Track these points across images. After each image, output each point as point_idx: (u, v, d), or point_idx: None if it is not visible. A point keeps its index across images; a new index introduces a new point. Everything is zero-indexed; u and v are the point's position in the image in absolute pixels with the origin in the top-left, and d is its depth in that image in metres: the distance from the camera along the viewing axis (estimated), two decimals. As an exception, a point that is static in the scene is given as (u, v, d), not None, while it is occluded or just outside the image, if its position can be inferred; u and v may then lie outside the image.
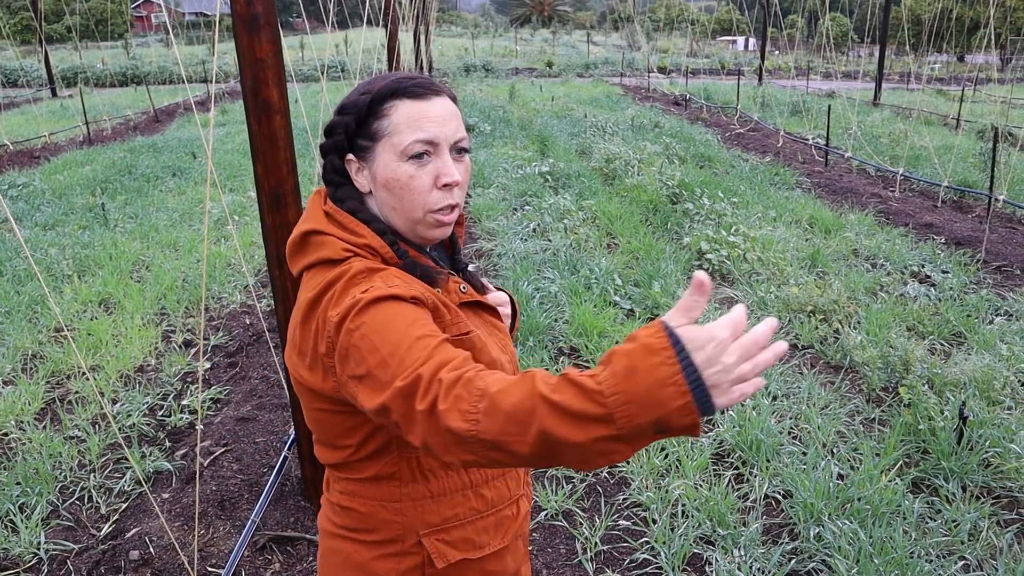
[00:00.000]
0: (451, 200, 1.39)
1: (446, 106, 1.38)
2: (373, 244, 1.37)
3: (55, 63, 28.26)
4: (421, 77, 1.40)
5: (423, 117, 1.35)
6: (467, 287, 1.48)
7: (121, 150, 13.26)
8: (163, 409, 4.59)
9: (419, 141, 1.34)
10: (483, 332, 1.45)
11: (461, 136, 1.40)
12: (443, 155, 1.37)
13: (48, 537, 3.44)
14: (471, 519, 1.46)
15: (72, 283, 6.46)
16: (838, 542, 3.16)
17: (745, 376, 0.97)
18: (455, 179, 1.36)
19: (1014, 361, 4.74)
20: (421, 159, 1.35)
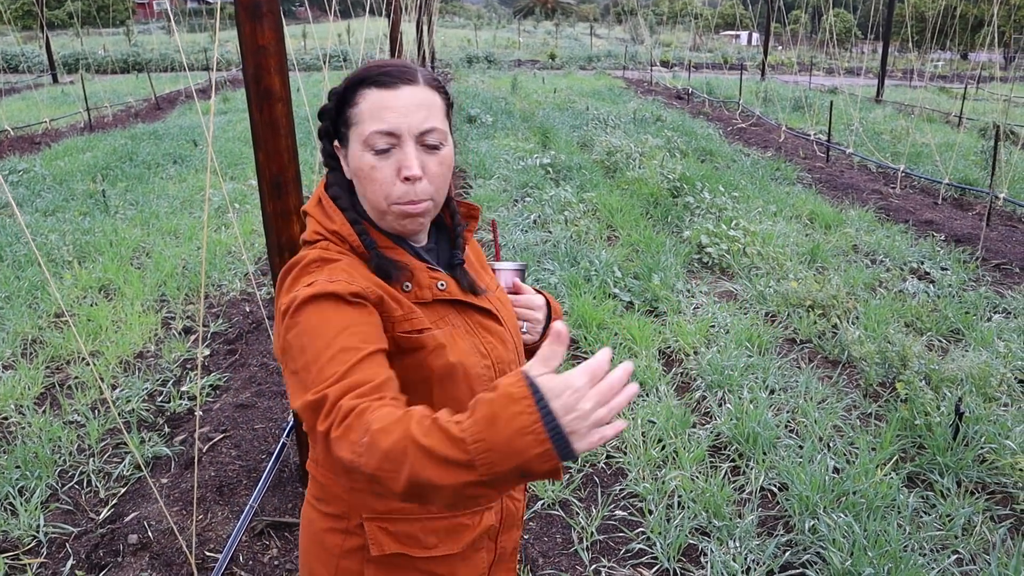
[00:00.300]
0: (414, 194, 1.34)
1: (415, 96, 1.33)
2: (341, 231, 1.37)
3: (56, 49, 28.23)
4: (398, 65, 1.35)
5: (385, 107, 1.31)
6: (446, 284, 1.43)
7: (122, 137, 13.25)
8: (162, 395, 4.60)
9: (378, 132, 1.31)
10: (458, 332, 1.41)
11: (429, 128, 1.33)
12: (406, 147, 1.32)
13: (47, 520, 3.46)
14: (419, 516, 1.43)
15: (72, 269, 6.46)
16: (832, 535, 3.18)
17: (601, 420, 0.98)
18: (412, 172, 1.31)
19: (1011, 358, 4.76)
20: (383, 152, 1.33)
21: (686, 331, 5.19)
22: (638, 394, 4.42)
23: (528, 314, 1.63)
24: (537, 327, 1.63)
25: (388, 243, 1.41)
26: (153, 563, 3.16)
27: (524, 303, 1.63)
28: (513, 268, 1.69)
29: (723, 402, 4.38)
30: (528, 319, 1.63)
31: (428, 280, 1.41)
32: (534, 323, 1.63)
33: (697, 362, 4.85)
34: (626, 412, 4.25)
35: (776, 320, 5.59)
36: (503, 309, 1.55)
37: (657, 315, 5.67)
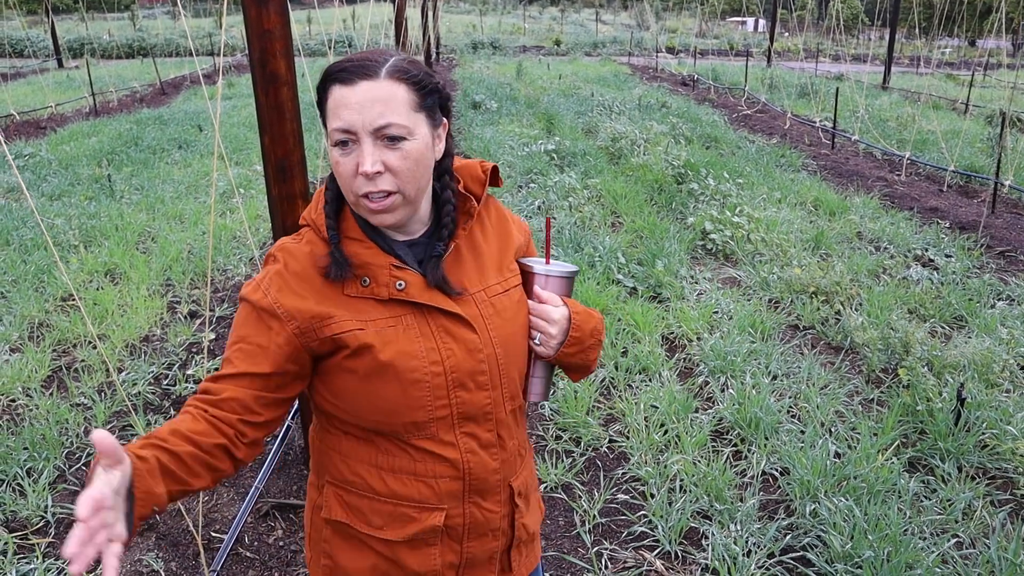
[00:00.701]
0: (373, 187, 1.34)
1: (372, 91, 1.33)
2: (316, 220, 1.45)
3: (61, 34, 28.21)
4: (359, 60, 1.36)
5: (342, 104, 1.33)
6: (405, 284, 1.42)
7: (127, 122, 13.26)
8: (168, 378, 4.64)
9: (337, 130, 1.34)
10: (408, 333, 1.42)
11: (386, 123, 1.33)
12: (363, 143, 1.33)
13: (55, 501, 3.49)
14: (367, 495, 1.49)
15: (78, 253, 6.50)
16: (833, 518, 3.20)
17: None
18: (364, 168, 1.32)
19: (1014, 345, 4.77)
20: (345, 146, 1.34)
21: (689, 317, 5.21)
22: (643, 379, 4.44)
23: (540, 325, 1.56)
24: (551, 342, 1.56)
25: (359, 236, 1.43)
26: (160, 543, 3.20)
27: (539, 313, 1.56)
28: (544, 272, 1.58)
29: (725, 387, 4.40)
30: (540, 330, 1.56)
31: (388, 278, 1.42)
32: (547, 336, 1.56)
33: (700, 348, 4.87)
34: (629, 397, 4.27)
35: (779, 306, 5.60)
36: (495, 316, 1.49)
37: (660, 301, 5.68)
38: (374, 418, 1.43)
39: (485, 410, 1.48)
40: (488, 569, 1.58)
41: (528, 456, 1.67)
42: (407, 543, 1.49)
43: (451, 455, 1.46)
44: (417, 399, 1.41)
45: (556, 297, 1.58)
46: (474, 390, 1.46)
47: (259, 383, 1.38)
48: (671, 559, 3.16)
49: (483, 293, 1.49)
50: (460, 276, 1.48)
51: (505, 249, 1.58)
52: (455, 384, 1.43)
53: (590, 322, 1.61)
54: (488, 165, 1.55)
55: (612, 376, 4.53)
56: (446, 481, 1.47)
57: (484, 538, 1.55)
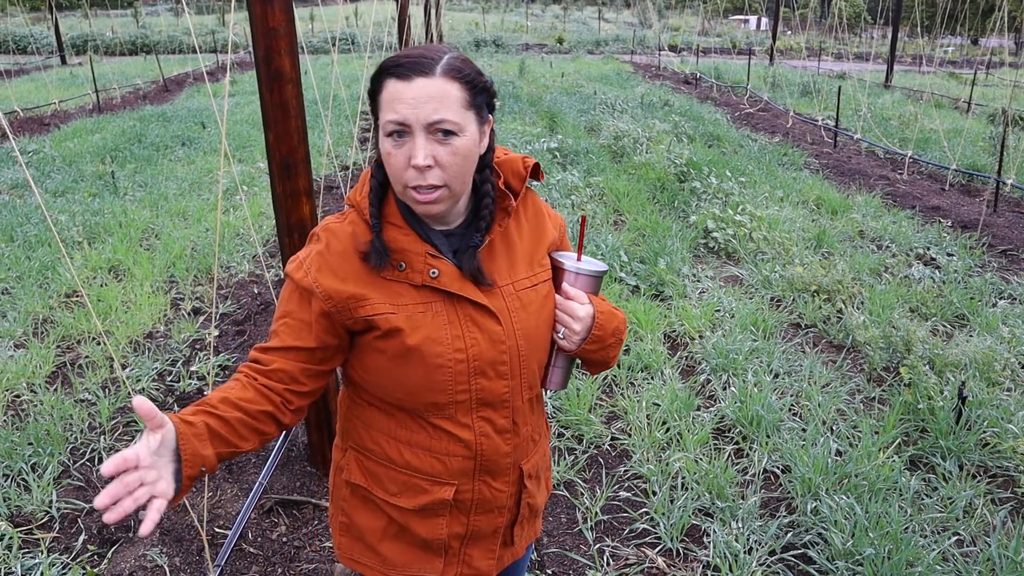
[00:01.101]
0: (423, 181, 1.39)
1: (427, 88, 1.37)
2: (360, 203, 1.52)
3: (65, 31, 28.20)
4: (415, 55, 1.40)
5: (397, 99, 1.38)
6: (439, 272, 1.47)
7: (131, 119, 13.28)
8: (172, 375, 4.65)
9: (391, 122, 1.39)
10: (437, 319, 1.48)
11: (439, 119, 1.37)
12: (416, 136, 1.38)
13: (60, 496, 3.51)
14: (384, 463, 1.60)
15: (82, 250, 6.51)
16: (834, 516, 3.21)
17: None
18: (417, 162, 1.37)
19: (1015, 343, 4.78)
20: (398, 139, 1.40)
21: (691, 315, 5.22)
22: (645, 377, 4.46)
23: (564, 320, 1.60)
24: (573, 337, 1.60)
25: (400, 222, 1.49)
26: (164, 539, 3.22)
27: (565, 308, 1.60)
28: (575, 270, 1.62)
29: (727, 385, 4.41)
30: (564, 324, 1.61)
31: (422, 266, 1.48)
32: (570, 332, 1.60)
33: (702, 346, 4.88)
34: (631, 395, 4.29)
35: (781, 305, 5.61)
36: (521, 310, 1.54)
37: (663, 299, 5.69)
38: (398, 395, 1.52)
39: (503, 398, 1.55)
40: (491, 541, 1.68)
41: (543, 440, 1.75)
42: (417, 512, 1.59)
43: (466, 436, 1.54)
44: (439, 383, 1.49)
45: (583, 295, 1.62)
46: (494, 378, 1.52)
47: (304, 356, 1.49)
48: (673, 556, 3.17)
49: (511, 287, 1.55)
50: (491, 269, 1.53)
51: (538, 244, 1.63)
52: (476, 372, 1.50)
53: (613, 322, 1.65)
54: (531, 161, 1.59)
55: (614, 374, 4.54)
56: (458, 460, 1.56)
57: (490, 514, 1.63)
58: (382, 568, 1.65)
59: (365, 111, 13.97)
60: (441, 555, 1.63)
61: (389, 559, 1.64)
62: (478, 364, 1.50)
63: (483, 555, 1.67)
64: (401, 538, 1.62)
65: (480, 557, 1.67)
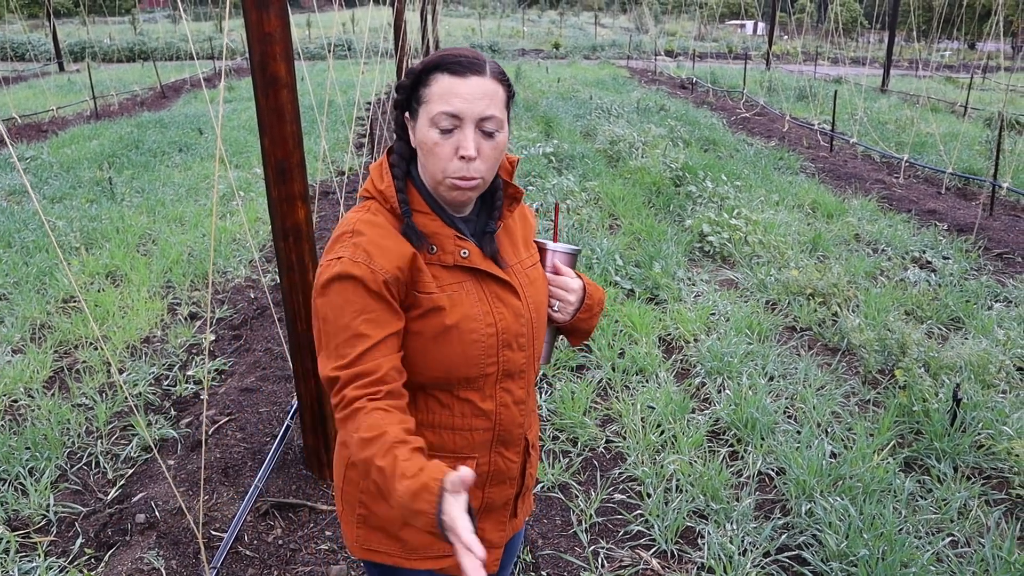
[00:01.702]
0: (467, 172, 1.51)
1: (481, 86, 1.49)
2: (385, 193, 1.58)
3: (62, 38, 28.24)
4: (470, 55, 1.52)
5: (453, 93, 1.48)
6: (469, 252, 1.59)
7: (128, 125, 13.29)
8: (168, 379, 4.66)
9: (444, 113, 1.49)
10: (470, 297, 1.58)
11: (488, 115, 1.50)
12: (466, 130, 1.49)
13: (57, 500, 3.52)
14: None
15: (80, 255, 6.52)
16: (829, 518, 3.22)
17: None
18: (468, 153, 1.49)
19: (1011, 346, 4.80)
20: (447, 131, 1.50)
21: (686, 318, 5.24)
22: (640, 380, 4.48)
23: (559, 294, 1.75)
24: (568, 308, 1.75)
25: (426, 209, 1.59)
26: (160, 541, 3.22)
27: (559, 284, 1.76)
28: (560, 250, 1.78)
29: (722, 388, 4.43)
30: (559, 299, 1.75)
31: (453, 247, 1.58)
32: (564, 304, 1.75)
33: (697, 349, 4.89)
34: (626, 398, 4.30)
35: (776, 308, 5.63)
36: (530, 286, 1.69)
37: (658, 303, 5.71)
38: (434, 374, 1.59)
39: (521, 368, 1.67)
40: (502, 514, 1.78)
41: (536, 412, 1.89)
42: None
43: (488, 407, 1.64)
44: (473, 357, 1.58)
45: (571, 271, 1.79)
46: (516, 350, 1.64)
47: (400, 340, 1.53)
48: (667, 558, 3.18)
49: (519, 266, 1.70)
50: (502, 251, 1.67)
51: (527, 230, 1.80)
52: (504, 344, 1.62)
53: (598, 292, 1.84)
54: (514, 158, 1.74)
55: (609, 377, 4.56)
56: (480, 433, 1.66)
57: (503, 485, 1.74)
58: (402, 554, 1.71)
59: (361, 117, 14.00)
60: None
61: (410, 543, 1.70)
62: (506, 337, 1.61)
63: (495, 527, 1.76)
64: None
65: (492, 529, 1.76)
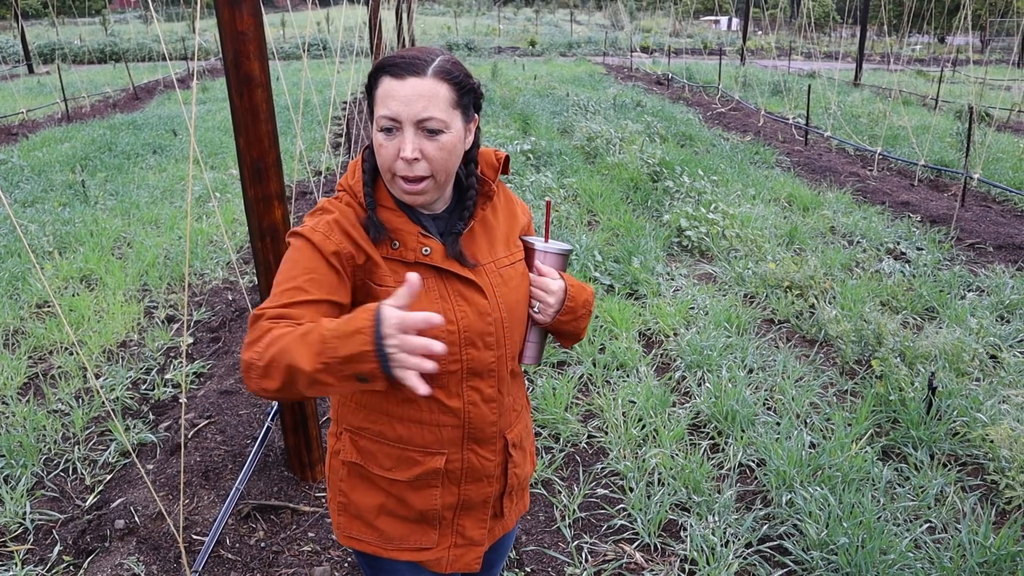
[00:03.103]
0: (410, 172, 1.52)
1: (418, 87, 1.49)
2: (354, 187, 1.61)
3: (31, 39, 27.91)
4: (411, 56, 1.52)
5: (390, 95, 1.50)
6: (431, 250, 1.59)
7: (101, 127, 13.16)
8: (146, 383, 4.62)
9: (383, 116, 1.51)
10: (430, 295, 1.59)
11: (427, 116, 1.50)
12: (406, 131, 1.50)
13: (33, 508, 3.48)
14: (378, 440, 1.68)
15: (53, 260, 6.45)
16: (809, 507, 3.25)
17: (407, 361, 1.25)
18: (405, 155, 1.50)
19: (983, 334, 4.85)
20: (389, 132, 1.52)
21: (666, 313, 5.26)
22: (621, 375, 4.49)
23: (539, 295, 1.74)
24: (547, 310, 1.73)
25: (392, 205, 1.61)
26: (140, 547, 3.19)
27: (539, 284, 1.74)
28: (544, 249, 1.76)
29: (702, 382, 4.45)
30: (539, 299, 1.74)
31: (415, 244, 1.59)
32: (545, 305, 1.73)
33: (677, 343, 4.91)
34: (607, 393, 4.31)
35: (754, 301, 5.66)
36: (502, 285, 1.68)
37: (637, 298, 5.73)
38: None
39: (490, 367, 1.66)
40: (483, 511, 1.77)
41: (524, 412, 1.88)
42: (411, 483, 1.68)
43: (455, 405, 1.64)
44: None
45: (554, 271, 1.76)
46: (482, 349, 1.64)
47: (336, 312, 1.52)
48: (650, 551, 3.19)
49: (493, 265, 1.68)
50: (474, 249, 1.67)
51: (512, 227, 1.77)
52: (467, 343, 1.61)
53: (582, 294, 1.79)
54: (502, 155, 1.73)
55: (590, 372, 4.57)
56: (448, 429, 1.66)
57: (480, 483, 1.73)
58: (379, 543, 1.74)
59: (337, 116, 13.93)
60: (436, 526, 1.73)
61: (386, 533, 1.73)
62: (468, 335, 1.61)
63: (475, 525, 1.76)
64: (397, 513, 1.72)
65: (472, 527, 1.76)
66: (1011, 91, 18.11)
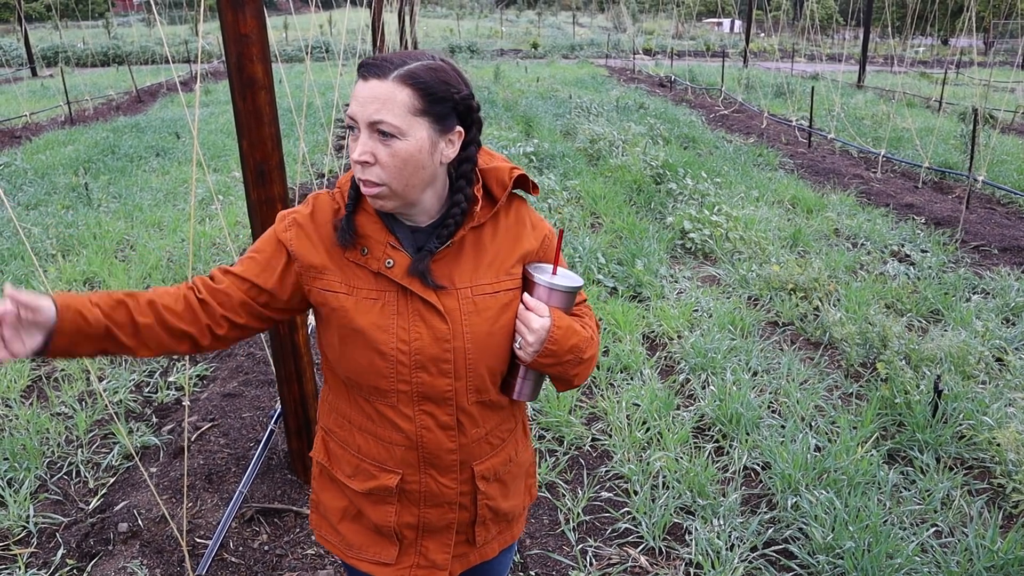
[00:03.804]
0: (362, 175, 1.48)
1: (374, 89, 1.44)
2: (342, 188, 1.61)
3: (35, 42, 27.98)
4: (383, 59, 1.47)
5: (353, 96, 1.48)
6: (393, 263, 1.52)
7: (104, 130, 13.17)
8: (149, 386, 4.62)
9: (348, 116, 1.49)
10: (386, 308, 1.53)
11: (378, 119, 1.43)
12: (360, 134, 1.48)
13: (37, 511, 3.47)
14: (342, 445, 1.69)
15: (56, 262, 6.45)
16: (814, 511, 3.23)
17: None
18: (353, 156, 1.48)
19: (989, 337, 4.84)
20: (352, 131, 1.50)
21: (669, 315, 5.24)
22: (625, 378, 4.48)
23: (520, 330, 1.59)
24: (528, 348, 1.58)
25: (371, 210, 1.57)
26: (144, 550, 3.19)
27: (521, 318, 1.59)
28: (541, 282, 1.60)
29: (706, 384, 4.43)
30: (520, 334, 1.59)
31: (381, 254, 1.55)
32: (524, 343, 1.58)
33: (680, 346, 4.90)
34: (611, 396, 4.30)
35: (758, 303, 5.65)
36: (474, 313, 1.55)
37: (641, 300, 5.71)
38: (346, 372, 1.60)
39: (445, 395, 1.58)
40: (446, 536, 1.71)
41: (508, 447, 1.74)
42: (367, 496, 1.67)
43: (406, 427, 1.59)
44: (381, 368, 1.55)
45: (544, 307, 1.58)
46: (436, 375, 1.56)
47: (254, 292, 1.59)
48: (655, 555, 3.18)
49: (470, 290, 1.56)
50: (452, 270, 1.56)
51: (510, 253, 1.62)
52: (417, 365, 1.55)
53: (571, 339, 1.59)
54: (517, 171, 1.61)
55: (594, 375, 4.56)
56: (401, 449, 1.61)
57: (440, 508, 1.67)
58: (342, 548, 1.74)
59: (340, 118, 13.93)
60: (395, 542, 1.69)
61: (347, 539, 1.73)
62: (419, 359, 1.54)
63: (439, 548, 1.71)
64: (358, 521, 1.71)
65: (436, 550, 1.71)
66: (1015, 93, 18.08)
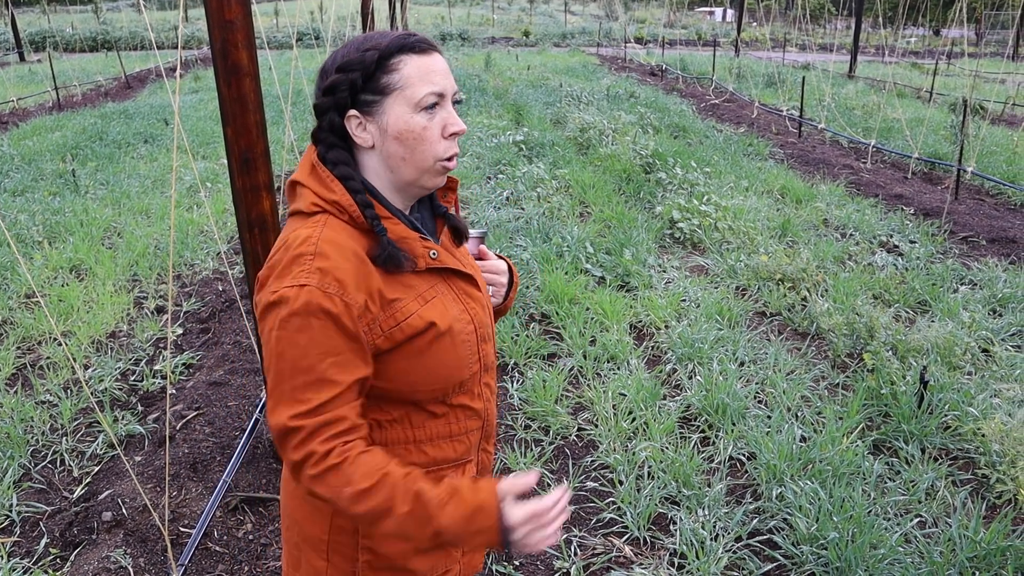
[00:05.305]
0: (455, 148, 1.46)
1: (442, 62, 1.44)
2: (342, 202, 1.39)
3: (23, 27, 27.71)
4: (421, 35, 1.44)
5: (431, 71, 1.40)
6: (437, 253, 1.47)
7: (92, 116, 13.07)
8: (135, 374, 4.59)
9: (432, 93, 1.40)
10: (447, 299, 1.48)
11: (457, 88, 1.46)
12: (447, 106, 1.43)
13: (20, 499, 3.45)
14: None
15: (42, 249, 6.41)
16: (799, 501, 3.24)
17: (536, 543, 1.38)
18: (462, 127, 1.44)
19: (975, 328, 4.85)
20: (432, 111, 1.41)
21: (657, 305, 5.24)
22: (611, 368, 4.48)
23: (494, 279, 1.73)
24: (501, 291, 1.74)
25: (386, 214, 1.44)
26: (127, 539, 3.17)
27: (491, 268, 1.73)
28: (478, 235, 1.76)
29: (693, 374, 4.44)
30: (494, 283, 1.73)
31: (421, 250, 1.46)
32: (499, 287, 1.73)
33: (668, 336, 4.90)
34: (597, 385, 4.30)
35: (746, 294, 5.66)
36: (478, 275, 1.63)
37: (628, 290, 5.71)
38: (431, 388, 1.46)
39: (493, 360, 1.62)
40: None
41: None
42: None
43: (478, 405, 1.57)
44: (465, 357, 1.49)
45: (491, 253, 1.77)
46: (488, 341, 1.58)
47: (364, 384, 1.39)
48: (640, 545, 3.19)
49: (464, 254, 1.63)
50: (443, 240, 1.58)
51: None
52: (481, 339, 1.54)
53: (515, 268, 1.80)
54: None
55: (580, 365, 4.55)
56: (474, 433, 1.59)
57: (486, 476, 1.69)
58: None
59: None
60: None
61: (419, 571, 1.57)
62: (482, 331, 1.54)
63: None
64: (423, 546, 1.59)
65: None
66: (1005, 84, 18.12)
